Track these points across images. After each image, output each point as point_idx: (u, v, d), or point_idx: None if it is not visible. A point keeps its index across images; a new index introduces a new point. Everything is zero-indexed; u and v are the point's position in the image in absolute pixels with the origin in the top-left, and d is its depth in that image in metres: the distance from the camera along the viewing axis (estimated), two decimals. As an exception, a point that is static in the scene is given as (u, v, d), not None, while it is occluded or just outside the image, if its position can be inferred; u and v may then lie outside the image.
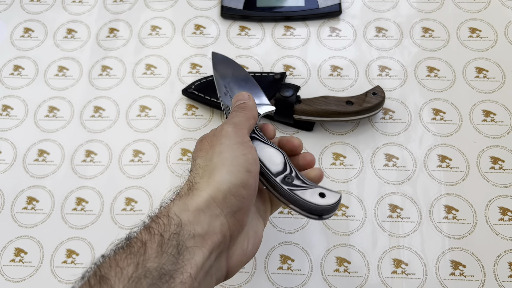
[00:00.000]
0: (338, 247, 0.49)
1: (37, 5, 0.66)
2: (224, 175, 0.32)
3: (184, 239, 0.29)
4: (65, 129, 0.57)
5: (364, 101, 0.51)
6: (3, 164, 0.55)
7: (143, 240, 0.28)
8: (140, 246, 0.28)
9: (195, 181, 0.33)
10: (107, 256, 0.28)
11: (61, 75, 0.61)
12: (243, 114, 0.39)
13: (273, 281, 0.47)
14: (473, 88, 0.56)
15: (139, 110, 0.58)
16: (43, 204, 0.52)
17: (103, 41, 0.63)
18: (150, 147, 0.55)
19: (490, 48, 0.59)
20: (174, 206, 0.31)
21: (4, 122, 0.58)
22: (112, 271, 0.27)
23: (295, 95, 0.53)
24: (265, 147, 0.39)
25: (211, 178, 0.32)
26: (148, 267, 0.27)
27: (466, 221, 0.49)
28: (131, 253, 0.28)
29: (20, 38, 0.64)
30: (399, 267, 0.47)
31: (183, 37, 0.62)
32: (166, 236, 0.29)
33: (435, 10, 0.62)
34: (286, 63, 0.60)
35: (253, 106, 0.40)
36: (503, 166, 0.52)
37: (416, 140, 0.54)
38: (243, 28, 0.63)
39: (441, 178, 0.51)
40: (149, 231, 0.29)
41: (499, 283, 0.46)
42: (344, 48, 0.60)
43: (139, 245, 0.28)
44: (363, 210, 0.50)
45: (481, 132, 0.54)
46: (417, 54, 0.59)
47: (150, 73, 0.60)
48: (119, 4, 0.65)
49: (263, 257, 0.48)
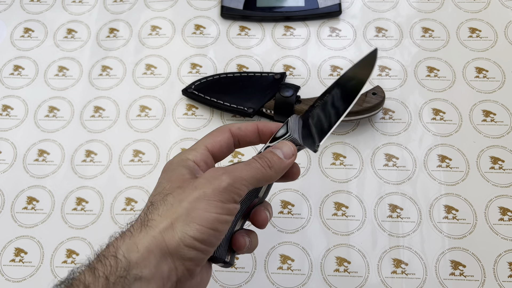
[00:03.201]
0: (338, 247, 0.49)
1: (37, 5, 0.66)
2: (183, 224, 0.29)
3: (129, 283, 0.27)
4: (65, 129, 0.57)
5: (364, 101, 0.51)
6: (3, 164, 0.55)
7: (86, 284, 0.26)
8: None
9: (151, 218, 0.29)
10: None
11: (61, 75, 0.61)
12: (261, 172, 0.33)
13: (273, 281, 0.47)
14: (473, 88, 0.56)
15: (139, 110, 0.58)
16: (43, 204, 0.53)
17: (103, 41, 0.63)
18: (150, 147, 0.55)
19: (490, 48, 0.59)
20: (123, 245, 0.28)
21: (4, 122, 0.58)
22: None
23: (295, 95, 0.53)
24: None
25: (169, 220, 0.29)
26: None
27: (466, 221, 0.49)
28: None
29: (20, 38, 0.64)
30: (399, 267, 0.47)
31: (183, 37, 0.62)
32: (111, 280, 0.26)
33: (435, 10, 0.62)
34: (286, 63, 0.60)
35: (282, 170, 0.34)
36: (503, 166, 0.52)
37: (416, 140, 0.54)
38: (243, 28, 0.63)
39: (441, 178, 0.51)
40: (94, 272, 0.27)
41: (499, 283, 0.46)
42: (344, 48, 0.60)
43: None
44: (363, 210, 0.50)
45: (481, 132, 0.54)
46: (417, 54, 0.59)
47: (150, 73, 0.60)
48: (119, 4, 0.65)
49: (263, 257, 0.49)
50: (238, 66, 0.60)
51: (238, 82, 0.57)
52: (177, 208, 0.29)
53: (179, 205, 0.29)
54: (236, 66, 0.60)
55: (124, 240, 0.28)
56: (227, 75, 0.58)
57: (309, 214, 0.50)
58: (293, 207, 0.51)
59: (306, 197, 0.51)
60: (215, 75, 0.58)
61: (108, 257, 0.27)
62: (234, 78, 0.57)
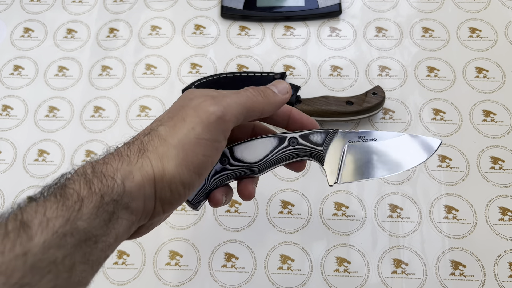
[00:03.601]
0: (338, 247, 0.49)
1: (37, 5, 0.66)
2: (173, 167, 0.28)
3: (119, 209, 0.26)
4: (65, 129, 0.57)
5: (364, 101, 0.51)
6: (3, 164, 0.55)
7: (80, 195, 0.25)
8: (76, 200, 0.25)
9: (147, 148, 0.28)
10: (34, 200, 0.25)
11: (61, 75, 0.61)
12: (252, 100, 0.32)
13: (273, 281, 0.47)
14: (473, 88, 0.56)
15: (139, 110, 0.58)
16: (43, 204, 0.52)
17: (103, 41, 0.63)
18: (150, 147, 0.55)
19: (490, 48, 0.59)
20: (121, 170, 0.27)
21: (4, 122, 0.58)
22: (36, 219, 0.24)
23: (295, 95, 0.53)
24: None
25: (161, 159, 0.28)
26: (78, 225, 0.24)
27: (466, 221, 0.49)
28: (64, 205, 0.25)
29: (20, 38, 0.64)
30: (399, 267, 0.47)
31: (183, 37, 0.62)
32: (105, 199, 0.26)
33: (435, 10, 0.62)
34: (286, 63, 0.60)
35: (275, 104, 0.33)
36: (503, 166, 0.52)
37: (416, 140, 0.54)
38: (243, 28, 0.63)
39: (441, 178, 0.51)
40: (90, 187, 0.26)
41: (499, 283, 0.46)
42: (344, 48, 0.60)
43: (75, 199, 0.25)
44: (363, 210, 0.50)
45: (481, 132, 0.54)
46: (417, 54, 0.59)
47: (150, 73, 0.60)
48: (119, 4, 0.65)
49: (263, 257, 0.48)
50: (238, 66, 0.60)
51: (238, 82, 0.57)
52: (168, 145, 0.28)
53: (170, 141, 0.29)
54: (236, 66, 0.60)
55: (122, 164, 0.27)
56: (227, 75, 0.58)
57: (309, 214, 0.50)
58: (293, 207, 0.51)
59: (306, 197, 0.51)
60: (215, 75, 0.58)
61: (107, 176, 0.27)
62: (234, 78, 0.57)
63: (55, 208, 0.24)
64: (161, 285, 0.48)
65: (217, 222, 0.51)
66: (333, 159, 0.36)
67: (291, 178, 0.52)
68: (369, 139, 0.37)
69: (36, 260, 0.23)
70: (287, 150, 0.36)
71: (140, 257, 0.49)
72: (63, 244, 0.24)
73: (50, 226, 0.24)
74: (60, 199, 0.25)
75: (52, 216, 0.24)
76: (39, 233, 0.23)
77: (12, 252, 0.22)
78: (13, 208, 0.25)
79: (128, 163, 0.28)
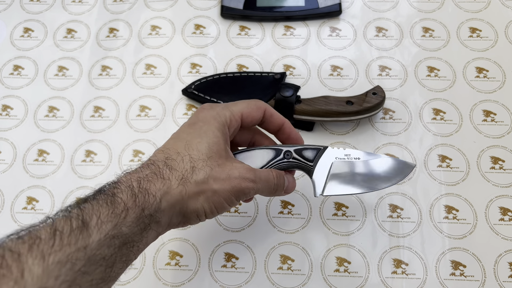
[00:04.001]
0: (338, 247, 0.49)
1: (37, 5, 0.66)
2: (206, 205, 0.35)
3: (153, 221, 0.33)
4: (65, 129, 0.57)
5: (364, 101, 0.51)
6: (3, 164, 0.55)
7: (126, 206, 0.31)
8: (123, 210, 0.31)
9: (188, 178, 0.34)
10: (90, 203, 0.30)
11: (61, 75, 0.61)
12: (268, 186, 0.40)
13: (273, 281, 0.47)
14: (473, 88, 0.56)
15: (139, 110, 0.58)
16: (43, 204, 0.52)
17: (103, 41, 0.63)
18: (150, 147, 0.55)
19: (490, 48, 0.59)
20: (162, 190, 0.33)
21: (4, 122, 0.58)
22: (93, 221, 0.29)
23: (295, 95, 0.53)
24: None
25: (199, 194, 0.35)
26: (122, 230, 0.30)
27: (466, 221, 0.49)
28: (114, 213, 0.30)
29: (20, 38, 0.64)
30: (399, 267, 0.47)
31: (183, 37, 0.62)
32: (145, 213, 0.32)
33: (435, 10, 0.62)
34: (286, 63, 0.60)
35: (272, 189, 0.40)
36: (503, 166, 0.51)
37: (416, 140, 0.54)
38: (243, 28, 0.63)
39: (441, 178, 0.51)
40: (135, 200, 0.31)
41: (499, 283, 0.46)
42: (344, 48, 0.60)
43: (122, 208, 0.31)
44: (363, 210, 0.50)
45: (481, 132, 0.54)
46: (417, 54, 0.59)
47: (150, 73, 0.60)
48: (119, 4, 0.65)
49: (263, 257, 0.48)
50: (238, 66, 0.60)
51: (238, 82, 0.57)
52: (207, 184, 0.35)
53: (210, 182, 0.35)
54: (236, 66, 0.60)
55: (163, 186, 0.33)
56: (227, 75, 0.57)
57: (309, 214, 0.50)
58: (293, 207, 0.51)
59: (306, 197, 0.51)
60: (215, 75, 0.58)
61: (150, 194, 0.32)
62: (234, 78, 0.57)
63: (106, 213, 0.30)
64: (161, 285, 0.48)
65: (217, 222, 0.50)
66: (320, 172, 0.42)
67: (291, 178, 0.52)
68: (354, 157, 0.43)
69: (92, 254, 0.28)
70: (282, 161, 0.41)
71: (140, 257, 0.49)
72: (111, 244, 0.30)
73: (103, 228, 0.29)
74: (111, 207, 0.30)
75: (105, 220, 0.30)
76: (95, 233, 0.29)
77: (76, 245, 0.28)
78: (71, 207, 0.30)
79: (169, 186, 0.33)
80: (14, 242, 0.27)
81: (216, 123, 0.38)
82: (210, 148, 0.36)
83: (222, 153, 0.37)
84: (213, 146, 0.36)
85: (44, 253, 0.26)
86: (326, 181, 0.42)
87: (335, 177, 0.42)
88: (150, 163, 0.35)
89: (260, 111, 0.41)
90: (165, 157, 0.35)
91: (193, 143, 0.36)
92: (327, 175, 0.42)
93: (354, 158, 0.43)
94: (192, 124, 0.38)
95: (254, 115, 0.40)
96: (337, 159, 0.42)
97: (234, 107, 0.39)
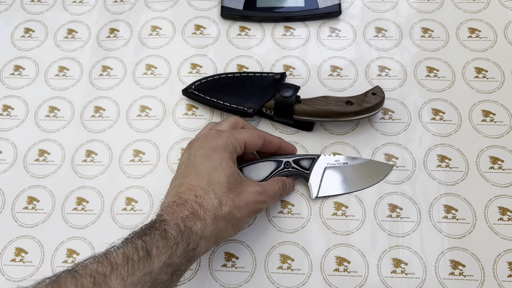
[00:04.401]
0: (337, 247, 0.49)
1: (38, 5, 0.66)
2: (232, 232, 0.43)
3: (195, 254, 0.39)
4: (66, 129, 0.57)
5: (363, 101, 0.52)
6: (4, 164, 0.55)
7: (176, 240, 0.37)
8: (174, 244, 0.37)
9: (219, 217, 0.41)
10: (149, 236, 0.36)
11: (62, 75, 0.61)
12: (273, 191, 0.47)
13: (273, 281, 0.48)
14: (472, 88, 0.57)
15: (139, 110, 0.58)
16: (44, 204, 0.53)
17: (103, 41, 0.63)
18: (150, 147, 0.55)
19: (489, 48, 0.59)
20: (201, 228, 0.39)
21: (5, 122, 0.58)
22: (154, 251, 0.35)
23: (295, 95, 0.53)
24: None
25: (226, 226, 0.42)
26: (175, 260, 0.36)
27: (466, 220, 0.49)
28: (167, 246, 0.36)
29: (21, 38, 0.64)
30: (398, 267, 0.47)
31: (183, 37, 0.63)
32: (190, 247, 0.38)
33: (434, 10, 0.62)
34: (286, 63, 0.60)
35: (276, 194, 0.47)
36: (502, 166, 0.52)
37: (415, 140, 0.54)
38: (243, 29, 0.63)
39: (441, 178, 0.51)
40: (181, 236, 0.37)
41: (499, 283, 0.46)
42: (344, 48, 0.60)
43: (173, 242, 0.37)
44: (363, 210, 0.50)
45: (480, 132, 0.54)
46: (416, 54, 0.59)
47: (151, 73, 0.60)
48: (119, 4, 0.66)
49: (263, 256, 0.49)
50: (238, 66, 0.60)
51: (238, 82, 0.57)
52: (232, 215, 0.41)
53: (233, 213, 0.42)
54: (236, 66, 0.60)
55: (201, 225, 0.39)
56: (227, 75, 0.58)
57: (309, 214, 0.50)
58: (293, 207, 0.51)
59: (306, 197, 0.51)
60: (215, 75, 0.58)
61: (193, 232, 0.39)
62: (234, 78, 0.57)
63: (162, 246, 0.36)
64: (161, 284, 0.48)
65: (217, 222, 0.51)
66: (315, 178, 0.50)
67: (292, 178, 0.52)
68: (342, 163, 0.51)
69: (154, 279, 0.35)
70: (282, 171, 0.49)
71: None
72: (167, 271, 0.36)
73: (161, 258, 0.35)
74: (164, 240, 0.36)
75: (162, 252, 0.36)
76: (156, 261, 0.35)
77: (143, 270, 0.34)
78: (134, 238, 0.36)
79: (206, 225, 0.40)
80: (97, 265, 0.32)
81: (227, 152, 0.43)
82: (229, 180, 0.42)
83: (237, 180, 0.43)
84: (230, 177, 0.42)
85: (123, 275, 0.32)
86: (320, 185, 0.50)
87: (327, 181, 0.50)
88: (183, 203, 0.40)
89: (261, 139, 0.47)
90: (195, 195, 0.40)
91: (214, 178, 0.41)
92: (320, 179, 0.50)
93: (343, 163, 0.51)
94: (207, 156, 0.43)
95: (255, 143, 0.47)
96: (328, 165, 0.51)
97: (239, 135, 0.45)
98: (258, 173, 0.49)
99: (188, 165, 0.43)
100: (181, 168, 0.44)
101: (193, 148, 0.44)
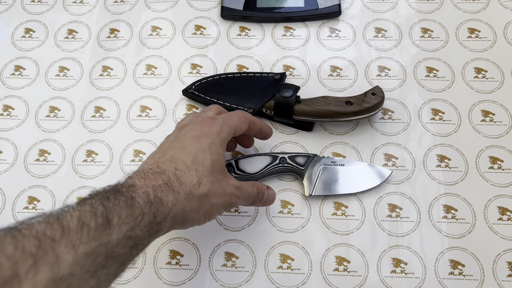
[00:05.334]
0: (337, 247, 0.49)
1: (38, 5, 0.66)
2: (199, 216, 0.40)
3: (160, 228, 0.36)
4: (66, 129, 0.57)
5: (363, 101, 0.52)
6: (4, 164, 0.55)
7: (143, 210, 0.34)
8: (139, 214, 0.34)
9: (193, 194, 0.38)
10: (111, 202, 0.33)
11: (62, 75, 0.61)
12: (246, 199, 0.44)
13: (273, 280, 0.48)
14: (472, 88, 0.57)
15: (139, 110, 0.58)
16: (44, 204, 0.53)
17: (103, 42, 0.63)
18: (150, 147, 0.56)
19: (489, 49, 0.59)
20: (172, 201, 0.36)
21: (5, 122, 0.58)
22: (115, 220, 0.32)
23: (294, 95, 0.53)
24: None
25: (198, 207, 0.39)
26: (137, 233, 0.33)
27: (465, 220, 0.49)
28: (132, 216, 0.33)
29: (21, 39, 0.64)
30: (398, 267, 0.47)
31: (184, 38, 0.63)
32: (156, 220, 0.35)
33: (434, 10, 0.62)
34: (286, 64, 0.60)
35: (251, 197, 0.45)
36: (502, 166, 0.52)
37: (415, 140, 0.54)
38: (243, 29, 0.63)
39: (440, 178, 0.51)
40: (150, 207, 0.34)
41: (498, 283, 0.46)
42: (344, 48, 0.60)
43: (139, 213, 0.34)
44: (363, 209, 0.50)
45: (480, 132, 0.54)
46: (416, 54, 0.59)
47: (151, 74, 0.60)
48: (119, 4, 0.66)
49: (263, 256, 0.49)
50: (238, 67, 0.60)
51: (238, 82, 0.57)
52: (207, 198, 0.39)
53: (209, 196, 0.39)
54: (236, 67, 0.60)
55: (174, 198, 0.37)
56: (227, 76, 0.58)
57: (309, 213, 0.51)
58: (293, 206, 0.51)
59: (306, 197, 0.51)
60: (215, 76, 0.58)
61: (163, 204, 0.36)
62: (234, 79, 0.57)
63: (125, 215, 0.32)
64: (161, 284, 0.48)
65: (217, 222, 0.51)
66: (310, 176, 0.50)
67: (291, 178, 0.52)
68: (339, 164, 0.51)
69: (111, 251, 0.31)
70: (277, 166, 0.50)
71: (141, 256, 0.49)
72: (126, 244, 0.32)
73: (122, 228, 0.32)
74: (130, 209, 0.33)
75: (124, 222, 0.32)
76: (115, 232, 0.31)
77: (99, 240, 0.30)
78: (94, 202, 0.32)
79: (177, 199, 0.37)
80: (45, 227, 0.28)
81: (220, 140, 0.42)
82: (214, 164, 0.40)
83: (222, 169, 0.41)
84: (216, 163, 0.40)
85: (74, 243, 0.29)
86: (315, 184, 0.50)
87: (323, 180, 0.50)
88: (161, 172, 0.37)
89: (247, 122, 0.46)
90: (175, 168, 0.38)
91: (200, 158, 0.39)
92: (316, 179, 0.50)
93: (340, 164, 0.51)
94: (197, 137, 0.41)
95: (242, 127, 0.45)
96: (325, 165, 0.51)
97: (230, 122, 0.44)
98: (253, 166, 0.49)
99: (174, 141, 0.41)
100: (165, 144, 0.42)
101: (183, 130, 0.42)
